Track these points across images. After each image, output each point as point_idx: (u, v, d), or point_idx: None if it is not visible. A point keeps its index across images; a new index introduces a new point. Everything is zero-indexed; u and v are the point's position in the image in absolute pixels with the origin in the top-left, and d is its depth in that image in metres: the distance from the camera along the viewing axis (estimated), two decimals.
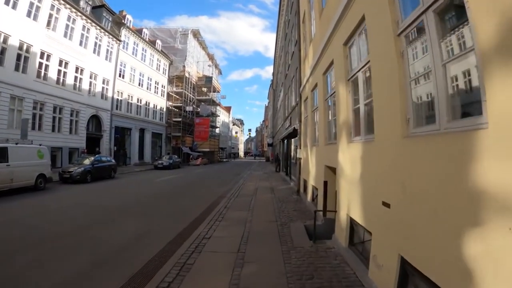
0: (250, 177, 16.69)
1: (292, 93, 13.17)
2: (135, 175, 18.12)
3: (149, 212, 7.22)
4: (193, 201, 8.92)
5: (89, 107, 22.22)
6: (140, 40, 28.29)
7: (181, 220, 6.34)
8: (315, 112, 7.02)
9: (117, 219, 6.50)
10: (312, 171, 7.10)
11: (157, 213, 7.18)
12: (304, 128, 8.97)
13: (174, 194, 10.22)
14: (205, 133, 37.04)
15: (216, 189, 11.61)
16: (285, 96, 17.21)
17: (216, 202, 8.52)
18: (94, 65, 22.62)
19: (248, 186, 12.28)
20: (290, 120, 13.13)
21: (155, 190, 11.42)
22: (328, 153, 5.44)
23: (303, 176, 8.90)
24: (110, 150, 24.12)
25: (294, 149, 11.68)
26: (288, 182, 13.61)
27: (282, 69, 20.40)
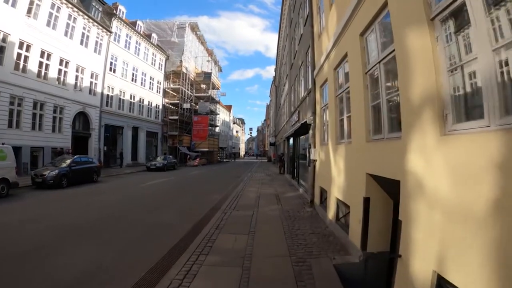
0: (251, 181, 14.72)
1: (301, 82, 11.18)
2: (122, 178, 16.19)
3: (109, 235, 5.25)
4: (177, 216, 6.96)
5: (75, 103, 20.31)
6: (134, 32, 26.37)
7: (148, 252, 4.37)
8: (342, 97, 5.03)
9: (63, 246, 4.55)
10: (337, 179, 5.12)
11: (120, 236, 5.22)
12: (321, 121, 6.99)
13: (155, 205, 8.26)
14: (203, 132, 35.08)
15: (210, 197, 9.65)
16: (291, 89, 15.22)
17: (206, 218, 6.55)
18: (81, 57, 20.72)
19: (248, 192, 10.31)
20: (298, 114, 11.15)
21: (135, 198, 9.47)
22: (374, 155, 3.47)
23: (319, 183, 6.91)
24: (99, 150, 22.22)
25: (306, 148, 9.70)
26: (295, 187, 11.62)
27: (286, 60, 18.41)
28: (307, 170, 9.99)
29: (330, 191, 5.70)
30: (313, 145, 7.45)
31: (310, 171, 7.67)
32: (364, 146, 3.73)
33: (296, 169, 12.70)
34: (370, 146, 3.58)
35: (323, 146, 6.63)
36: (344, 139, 4.89)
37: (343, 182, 4.75)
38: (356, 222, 4.05)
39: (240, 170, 25.74)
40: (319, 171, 6.96)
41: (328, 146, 5.93)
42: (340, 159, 4.91)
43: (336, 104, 5.34)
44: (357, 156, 4.00)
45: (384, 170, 3.10)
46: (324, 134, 6.77)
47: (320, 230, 5.35)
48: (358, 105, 3.97)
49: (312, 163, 7.45)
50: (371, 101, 3.67)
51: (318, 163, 7.08)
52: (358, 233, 3.96)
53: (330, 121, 5.75)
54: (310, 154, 7.50)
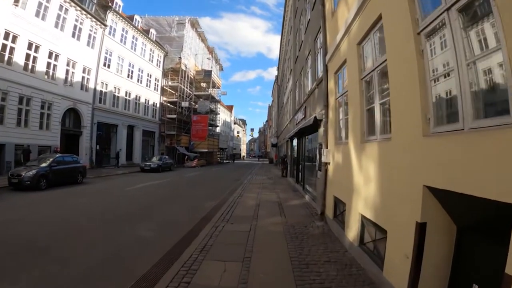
0: (251, 184, 13.41)
1: (308, 74, 9.89)
2: (111, 180, 14.92)
3: (48, 265, 3.95)
4: (156, 231, 5.66)
5: (65, 99, 19.12)
6: (130, 27, 25.21)
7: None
8: (372, 78, 3.73)
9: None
10: (363, 190, 3.82)
11: (69, 266, 3.92)
12: (335, 115, 5.68)
13: (135, 215, 6.96)
14: (203, 132, 33.83)
15: (203, 204, 8.35)
16: (295, 84, 13.93)
17: (192, 233, 5.25)
18: (72, 50, 19.55)
19: (247, 199, 9.00)
20: (304, 110, 9.85)
21: (114, 206, 8.19)
22: (447, 158, 2.14)
23: (333, 192, 5.59)
24: (91, 149, 21.00)
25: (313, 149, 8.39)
26: (300, 193, 10.30)
27: (290, 55, 17.13)
28: (314, 174, 8.68)
29: (350, 204, 4.38)
30: (324, 144, 6.14)
31: (320, 177, 6.36)
32: (421, 144, 2.41)
33: (300, 172, 11.37)
34: (435, 144, 2.27)
35: (339, 145, 5.32)
36: (375, 135, 3.58)
37: (374, 195, 3.43)
38: (399, 256, 2.74)
39: (240, 172, 24.43)
40: (333, 177, 5.64)
41: (347, 145, 4.62)
42: (369, 163, 3.59)
43: (362, 90, 4.03)
44: (406, 159, 2.68)
45: (481, 186, 1.77)
46: (340, 130, 5.47)
47: (338, 257, 4.03)
48: (407, 82, 2.66)
49: (323, 166, 6.13)
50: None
51: (331, 166, 5.76)
52: (402, 272, 2.65)
53: (352, 112, 4.44)
54: (321, 156, 6.18)
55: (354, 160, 4.23)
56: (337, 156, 5.38)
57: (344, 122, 5.07)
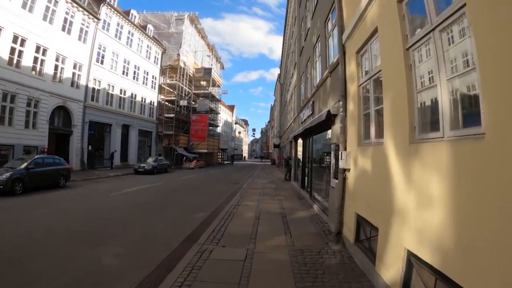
0: (251, 189, 12.10)
1: (316, 64, 8.57)
2: (98, 183, 13.66)
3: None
4: (123, 256, 4.37)
5: (54, 96, 17.93)
6: (126, 22, 24.02)
7: None
8: (428, 44, 2.40)
9: None
10: (414, 218, 2.51)
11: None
12: (358, 107, 4.35)
13: (104, 230, 5.68)
14: (202, 132, 32.55)
15: (193, 216, 7.05)
16: (300, 79, 12.60)
17: (168, 263, 3.93)
18: (62, 45, 18.37)
19: (245, 209, 7.67)
20: (311, 106, 8.50)
21: (89, 216, 6.91)
22: None
23: (355, 208, 4.26)
24: (82, 150, 19.79)
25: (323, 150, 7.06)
26: (306, 201, 8.96)
27: (294, 48, 15.82)
28: (323, 180, 7.35)
29: (387, 231, 3.05)
30: (342, 146, 4.79)
31: (336, 186, 5.01)
32: None
33: (307, 176, 10.02)
34: None
35: (366, 147, 3.99)
36: (440, 132, 2.25)
37: (439, 228, 2.10)
38: None
39: (241, 174, 23.12)
40: (356, 189, 4.30)
41: (381, 146, 3.29)
42: (428, 175, 2.28)
43: (409, 63, 2.71)
44: None
45: None
46: (366, 127, 4.13)
47: None
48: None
49: (340, 173, 4.79)
50: None
51: (352, 174, 4.42)
52: None
53: (389, 99, 3.11)
54: (337, 160, 4.84)
55: (395, 169, 2.90)
56: (361, 161, 4.04)
57: (375, 115, 3.74)
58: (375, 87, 3.74)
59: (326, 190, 7.04)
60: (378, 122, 3.61)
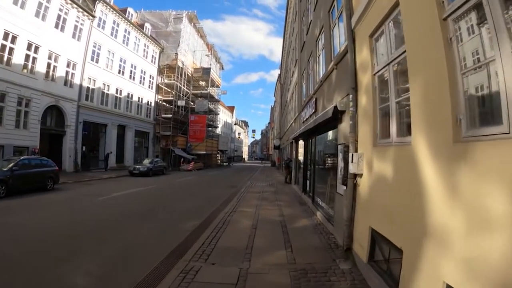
0: (249, 193, 11.42)
1: (320, 58, 7.92)
2: (89, 186, 12.99)
3: None
4: (89, 278, 3.68)
5: (46, 95, 17.29)
6: (123, 20, 23.43)
7: None
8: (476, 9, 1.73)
9: None
10: (461, 243, 1.79)
11: None
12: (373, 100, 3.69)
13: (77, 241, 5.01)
14: (201, 133, 31.89)
15: (183, 225, 6.37)
16: (301, 75, 11.94)
17: None
18: (55, 42, 17.76)
19: (241, 216, 6.99)
20: (314, 103, 7.81)
21: (59, 225, 6.23)
22: None
23: (370, 222, 3.59)
24: (76, 151, 19.13)
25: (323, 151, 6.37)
26: (309, 207, 8.27)
27: (295, 45, 15.18)
28: (327, 184, 6.67)
29: (416, 255, 2.37)
30: (352, 147, 4.11)
31: (345, 194, 4.32)
32: None
33: (308, 180, 9.34)
34: None
35: (383, 147, 3.32)
36: (504, 124, 1.59)
37: None
38: None
39: (239, 176, 22.43)
40: (370, 198, 3.62)
41: (407, 147, 2.61)
42: (487, 186, 1.62)
43: (448, 37, 2.05)
44: None
45: None
46: (383, 123, 3.46)
47: None
48: None
49: (349, 179, 4.11)
50: None
51: (366, 180, 3.75)
52: None
53: (419, 86, 2.44)
54: (347, 163, 4.15)
55: (430, 176, 2.22)
56: (378, 165, 3.36)
57: (396, 109, 3.06)
58: (396, 74, 3.06)
59: (331, 196, 6.36)
60: (401, 116, 2.94)
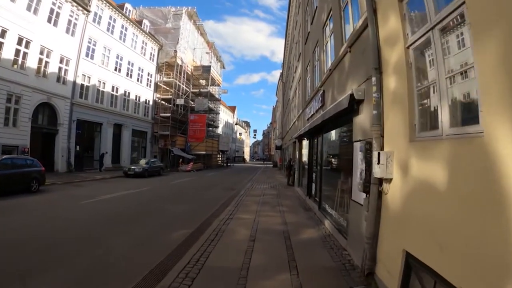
0: (249, 196, 10.54)
1: (327, 46, 7.03)
2: (78, 188, 12.15)
3: None
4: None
5: (37, 92, 16.50)
6: (119, 15, 22.64)
7: None
8: None
9: None
10: None
11: None
12: (407, 82, 2.78)
13: (37, 258, 4.15)
14: (200, 133, 31.05)
15: (167, 237, 5.48)
16: (306, 69, 11.05)
17: None
18: (47, 37, 16.97)
19: (237, 225, 6.10)
20: (321, 97, 6.89)
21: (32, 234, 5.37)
22: None
23: (404, 244, 2.69)
24: (69, 150, 18.33)
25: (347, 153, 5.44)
26: (314, 213, 7.36)
27: (298, 38, 14.28)
28: (337, 188, 5.78)
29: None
30: (376, 143, 3.21)
31: (367, 205, 3.40)
32: None
33: (314, 183, 8.43)
34: None
35: (426, 142, 2.44)
36: None
37: None
38: None
39: (240, 177, 21.54)
40: (406, 212, 2.71)
41: (479, 141, 1.71)
42: None
43: None
44: None
45: None
46: (423, 110, 2.57)
47: None
48: None
49: (372, 185, 3.21)
50: None
51: (398, 188, 2.85)
52: None
53: (491, 50, 1.53)
54: (371, 165, 3.24)
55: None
56: (419, 167, 2.46)
57: (446, 87, 2.15)
58: (445, 39, 2.15)
59: (342, 202, 5.46)
60: (458, 98, 2.03)
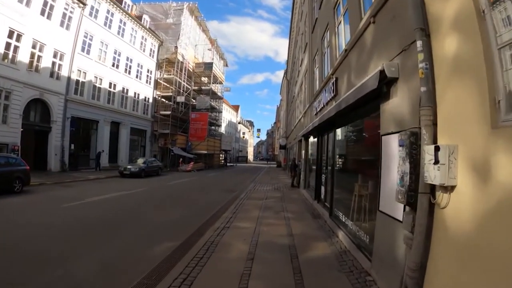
0: (250, 200, 9.56)
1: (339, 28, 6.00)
2: (67, 188, 11.28)
3: None
4: None
5: (29, 87, 15.71)
6: (117, 9, 21.81)
7: None
8: None
9: None
10: None
11: None
12: (477, 37, 1.72)
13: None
14: (202, 131, 30.13)
15: (147, 252, 4.53)
16: (314, 59, 10.02)
17: None
18: (40, 31, 16.18)
19: (234, 237, 5.12)
20: (333, 85, 5.86)
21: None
22: None
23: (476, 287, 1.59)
24: (63, 149, 17.54)
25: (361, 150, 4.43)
26: (325, 221, 6.34)
27: (304, 29, 13.25)
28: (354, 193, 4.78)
29: None
30: (427, 134, 2.20)
31: (412, 222, 2.37)
32: None
33: (324, 186, 7.40)
34: None
35: None
36: None
37: None
38: None
39: (241, 178, 20.56)
40: (482, 238, 1.67)
41: None
42: None
43: None
44: None
45: None
46: None
47: None
48: None
49: (424, 197, 2.19)
50: None
51: (466, 200, 1.83)
52: None
53: None
54: (420, 167, 2.23)
55: None
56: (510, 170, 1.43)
57: None
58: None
59: (360, 210, 4.46)
60: None
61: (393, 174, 3.00)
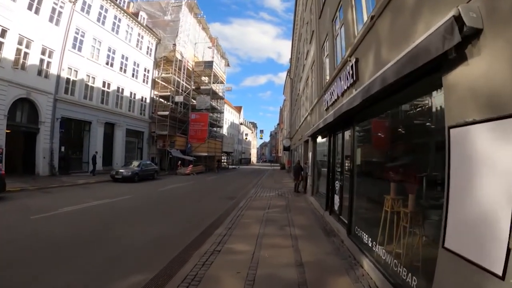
0: (250, 210, 8.33)
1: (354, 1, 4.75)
2: (46, 195, 10.14)
3: None
4: None
5: (14, 86, 14.67)
6: (111, 5, 20.78)
7: None
8: None
9: None
10: None
11: None
12: None
13: None
14: (202, 133, 28.96)
15: (121, 284, 3.29)
16: (322, 47, 8.77)
17: None
18: (27, 26, 15.16)
19: (225, 269, 3.89)
20: (354, 68, 4.64)
21: None
22: None
23: None
24: (52, 151, 16.46)
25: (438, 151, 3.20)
26: (342, 241, 5.08)
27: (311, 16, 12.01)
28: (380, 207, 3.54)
29: None
30: None
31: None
32: None
33: (338, 195, 6.11)
34: None
35: None
36: None
37: None
38: None
39: (243, 182, 19.31)
40: None
41: None
42: None
43: None
44: None
45: None
46: None
47: None
48: None
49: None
50: None
51: None
52: None
53: None
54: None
55: None
56: None
57: None
58: None
59: (391, 232, 3.22)
60: None
61: (478, 192, 1.77)
